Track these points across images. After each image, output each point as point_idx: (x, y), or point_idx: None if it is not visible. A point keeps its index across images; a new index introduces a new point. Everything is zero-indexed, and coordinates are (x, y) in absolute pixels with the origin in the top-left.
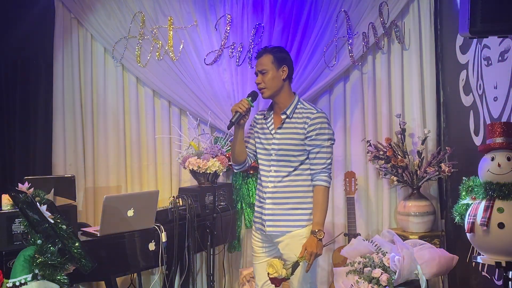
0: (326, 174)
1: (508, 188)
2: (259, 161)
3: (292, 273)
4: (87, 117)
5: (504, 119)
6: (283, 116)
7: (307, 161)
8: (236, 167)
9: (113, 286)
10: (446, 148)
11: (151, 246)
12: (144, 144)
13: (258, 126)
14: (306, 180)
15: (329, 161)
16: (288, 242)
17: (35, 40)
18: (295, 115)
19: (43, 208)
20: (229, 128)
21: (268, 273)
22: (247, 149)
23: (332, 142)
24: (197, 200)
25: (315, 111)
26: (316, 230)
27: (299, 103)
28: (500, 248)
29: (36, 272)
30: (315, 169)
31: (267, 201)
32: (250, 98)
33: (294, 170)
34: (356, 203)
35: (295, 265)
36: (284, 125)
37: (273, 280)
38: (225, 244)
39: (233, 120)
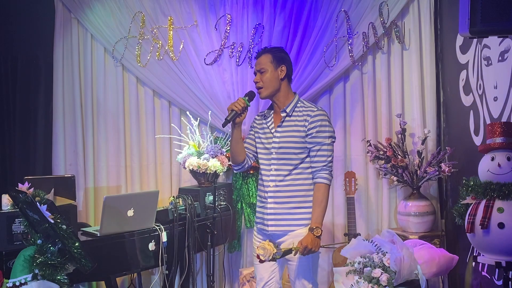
0: (327, 172)
1: (508, 188)
2: (260, 161)
3: (280, 257)
4: (87, 117)
5: (504, 119)
6: (283, 114)
7: (307, 159)
8: (235, 168)
9: (113, 286)
10: (446, 148)
11: (151, 246)
12: (144, 144)
13: (258, 126)
14: (308, 179)
15: (330, 158)
16: (290, 242)
17: (35, 40)
18: (295, 113)
19: (43, 208)
20: (224, 125)
21: (257, 251)
22: (246, 150)
23: (333, 140)
24: (197, 200)
25: (315, 109)
26: (314, 227)
27: (299, 102)
28: (500, 248)
29: (36, 272)
30: (316, 167)
31: (269, 200)
32: (247, 98)
33: (294, 169)
34: (356, 203)
35: (287, 252)
36: (284, 123)
37: (259, 257)
38: (225, 244)
39: (228, 118)
